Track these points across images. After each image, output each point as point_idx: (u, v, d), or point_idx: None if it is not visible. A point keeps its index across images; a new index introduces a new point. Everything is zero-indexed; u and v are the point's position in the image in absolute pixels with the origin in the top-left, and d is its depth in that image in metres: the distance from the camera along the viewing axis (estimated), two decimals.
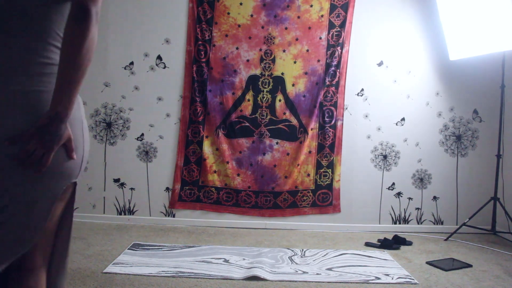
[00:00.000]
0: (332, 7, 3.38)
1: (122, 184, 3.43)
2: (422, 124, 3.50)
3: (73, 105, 0.99)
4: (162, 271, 2.33)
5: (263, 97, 3.41)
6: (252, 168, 3.42)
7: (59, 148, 1.00)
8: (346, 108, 3.46)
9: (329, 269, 2.49)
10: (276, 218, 3.44)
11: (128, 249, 2.71)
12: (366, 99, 3.47)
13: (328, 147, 3.44)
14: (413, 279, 2.37)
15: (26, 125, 0.95)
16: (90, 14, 0.94)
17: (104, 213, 3.43)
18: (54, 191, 1.04)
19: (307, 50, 3.39)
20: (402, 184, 3.52)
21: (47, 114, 0.96)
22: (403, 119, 3.49)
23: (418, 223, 3.54)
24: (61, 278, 1.17)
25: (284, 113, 3.42)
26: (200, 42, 3.34)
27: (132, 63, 3.38)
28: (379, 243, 3.07)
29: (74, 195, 1.13)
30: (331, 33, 3.39)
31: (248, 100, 3.41)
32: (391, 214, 3.53)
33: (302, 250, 2.86)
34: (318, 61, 3.40)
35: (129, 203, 3.44)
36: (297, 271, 2.43)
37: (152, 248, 2.75)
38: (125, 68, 3.38)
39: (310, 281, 2.29)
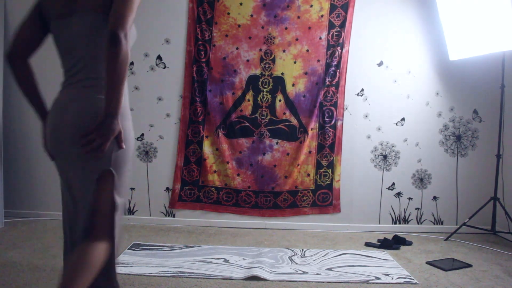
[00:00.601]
0: (332, 7, 3.38)
1: None
2: (422, 124, 3.50)
3: (119, 105, 1.30)
4: (162, 271, 2.33)
5: (263, 97, 3.41)
6: (252, 168, 3.42)
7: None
8: (346, 108, 3.46)
9: (329, 269, 2.49)
10: (276, 218, 3.44)
11: (128, 249, 2.71)
12: (366, 99, 3.47)
13: (328, 147, 3.44)
14: (413, 279, 2.37)
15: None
16: (119, 38, 1.23)
17: None
18: (93, 172, 1.36)
19: (307, 50, 3.39)
20: (402, 184, 3.52)
21: (103, 113, 1.29)
22: (403, 119, 3.49)
23: (418, 223, 3.54)
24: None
25: (284, 113, 3.42)
26: (200, 42, 3.34)
27: (132, 63, 3.38)
28: (379, 243, 3.07)
29: (114, 183, 1.38)
30: (331, 33, 3.39)
31: (248, 100, 3.41)
32: (391, 214, 3.53)
33: (302, 250, 2.86)
34: (318, 61, 3.40)
35: (129, 203, 3.44)
36: (297, 271, 2.43)
37: (152, 248, 2.75)
38: None
39: (310, 281, 2.29)
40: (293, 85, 3.41)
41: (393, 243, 3.03)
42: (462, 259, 2.77)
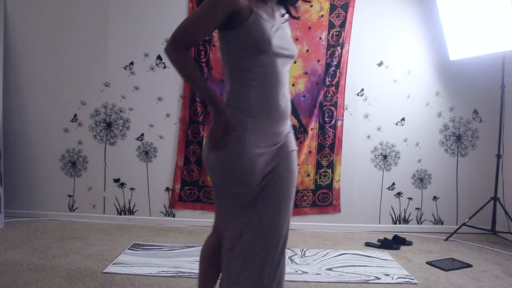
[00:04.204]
0: (332, 7, 3.38)
1: (122, 184, 3.43)
2: (422, 124, 3.50)
3: (206, 98, 1.43)
4: (162, 271, 2.33)
5: None
6: None
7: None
8: (346, 108, 3.46)
9: (329, 269, 2.49)
10: None
11: (128, 249, 2.71)
12: (366, 99, 3.47)
13: (328, 147, 3.44)
14: (413, 279, 2.37)
15: None
16: (166, 48, 1.34)
17: (104, 213, 3.43)
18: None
19: (307, 50, 3.39)
20: (402, 184, 3.52)
21: None
22: (403, 119, 3.49)
23: (418, 223, 3.54)
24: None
25: None
26: (200, 42, 3.33)
27: (132, 63, 3.38)
28: (379, 243, 3.07)
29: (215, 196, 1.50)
30: (331, 33, 3.39)
31: None
32: (391, 214, 3.53)
33: (302, 250, 2.86)
34: (318, 61, 3.40)
35: (129, 203, 3.44)
36: (297, 271, 2.43)
37: (152, 248, 2.75)
38: (125, 68, 3.38)
39: (310, 281, 2.29)
40: (293, 85, 3.41)
41: (393, 243, 3.03)
42: (462, 259, 2.77)
